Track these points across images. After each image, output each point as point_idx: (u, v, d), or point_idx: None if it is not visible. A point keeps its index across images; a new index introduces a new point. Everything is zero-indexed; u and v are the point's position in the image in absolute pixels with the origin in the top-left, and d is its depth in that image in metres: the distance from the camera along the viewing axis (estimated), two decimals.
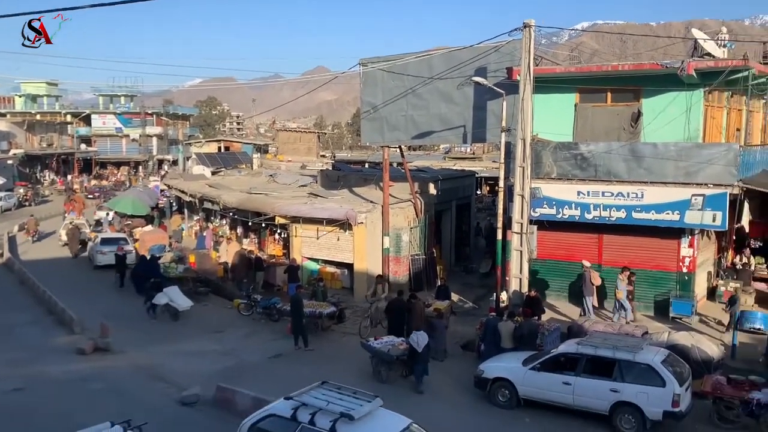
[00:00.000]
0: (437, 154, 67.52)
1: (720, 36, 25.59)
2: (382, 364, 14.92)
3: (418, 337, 14.46)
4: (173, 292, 20.46)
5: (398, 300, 17.17)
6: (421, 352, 14.34)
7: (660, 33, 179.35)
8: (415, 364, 14.50)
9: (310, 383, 14.76)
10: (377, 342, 15.30)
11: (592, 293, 18.37)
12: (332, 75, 26.86)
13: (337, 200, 24.73)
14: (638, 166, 17.76)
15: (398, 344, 15.11)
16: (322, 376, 15.37)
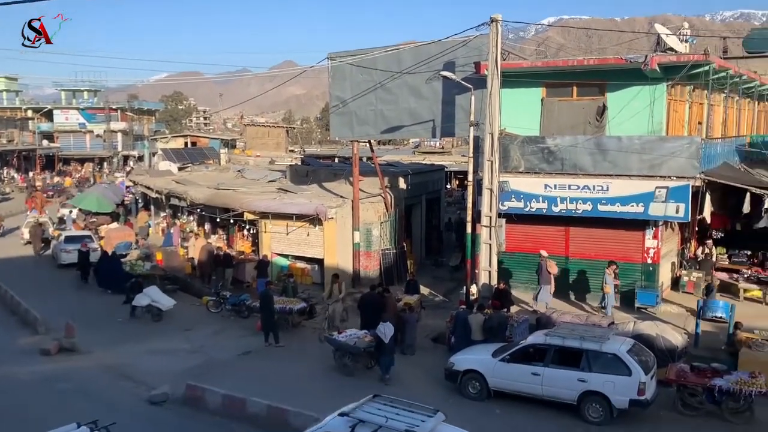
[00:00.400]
0: (407, 148, 67.64)
1: (682, 31, 26.16)
2: (347, 357, 15.04)
3: (385, 328, 14.60)
4: (154, 291, 19.96)
5: (371, 294, 17.20)
6: (388, 343, 14.50)
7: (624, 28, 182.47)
8: (382, 355, 14.66)
9: (281, 379, 14.86)
10: (341, 336, 15.44)
11: (549, 282, 18.67)
12: (300, 69, 26.69)
13: (307, 195, 24.61)
14: (603, 159, 18.05)
15: (363, 336, 15.26)
16: (293, 372, 15.44)
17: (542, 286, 18.51)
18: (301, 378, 15.04)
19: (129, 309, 19.84)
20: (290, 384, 14.55)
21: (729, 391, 12.25)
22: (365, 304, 16.91)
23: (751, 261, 21.50)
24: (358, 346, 14.87)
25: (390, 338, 14.51)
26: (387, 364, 14.58)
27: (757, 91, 27.01)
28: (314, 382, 14.75)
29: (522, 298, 19.56)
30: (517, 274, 20.23)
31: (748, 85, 25.04)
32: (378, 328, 14.79)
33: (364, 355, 14.97)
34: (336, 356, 15.27)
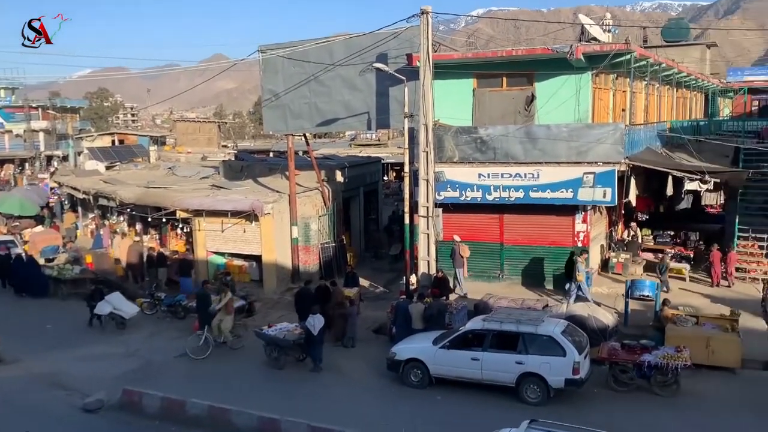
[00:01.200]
0: (343, 141, 67.53)
1: (605, 21, 27.06)
2: (277, 351, 15.15)
3: (314, 320, 14.74)
4: (116, 298, 18.86)
5: (306, 289, 17.14)
6: (317, 334, 14.66)
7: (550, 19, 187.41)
8: (312, 347, 14.83)
9: (221, 378, 14.63)
10: (271, 329, 15.54)
11: (461, 265, 19.12)
12: (231, 62, 26.17)
13: (242, 191, 24.21)
14: (533, 147, 18.53)
15: (293, 329, 15.40)
16: (232, 370, 15.24)
17: (456, 269, 18.96)
18: (240, 375, 14.88)
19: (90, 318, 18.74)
20: (230, 382, 14.38)
21: (657, 365, 12.87)
22: (302, 299, 16.84)
23: (674, 241, 22.60)
24: (287, 339, 15.05)
25: (319, 330, 14.68)
26: (318, 356, 14.82)
27: (676, 78, 28.33)
28: (253, 379, 14.67)
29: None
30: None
31: (667, 73, 26.23)
32: (307, 320, 14.95)
33: (295, 348, 15.16)
34: (267, 350, 15.37)
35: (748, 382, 13.67)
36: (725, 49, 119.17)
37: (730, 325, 14.71)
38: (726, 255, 19.64)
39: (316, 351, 14.85)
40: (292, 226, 22.11)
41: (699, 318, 15.23)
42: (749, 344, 14.52)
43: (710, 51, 43.87)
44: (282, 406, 12.24)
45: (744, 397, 12.98)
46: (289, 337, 15.07)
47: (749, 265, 20.28)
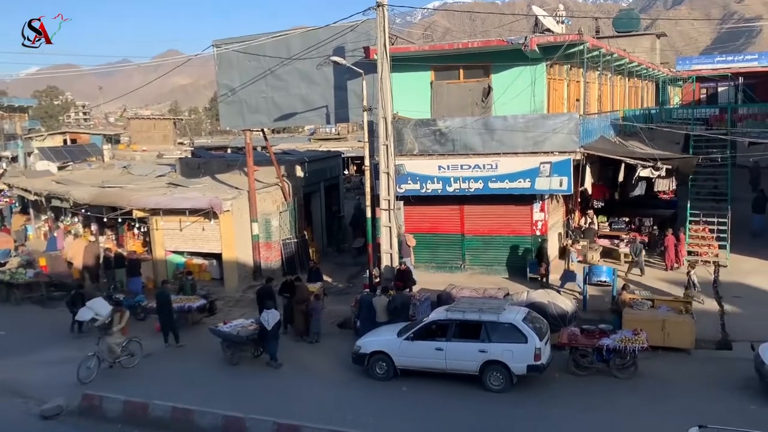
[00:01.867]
0: (302, 136, 67.08)
1: (558, 13, 27.49)
2: (232, 347, 15.16)
3: (268, 315, 14.77)
4: (98, 304, 18.13)
5: (267, 287, 17.02)
6: (271, 329, 14.69)
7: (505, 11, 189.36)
8: (267, 342, 14.88)
9: (183, 379, 14.44)
10: (226, 326, 15.51)
11: (409, 255, 19.35)
12: (185, 58, 25.68)
13: (200, 189, 23.84)
14: (491, 138, 18.74)
15: (248, 325, 15.42)
16: (195, 370, 15.05)
17: (404, 259, 19.17)
18: (203, 374, 14.73)
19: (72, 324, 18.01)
20: (194, 382, 14.20)
21: (616, 349, 13.22)
22: (262, 296, 16.76)
23: (629, 227, 23.17)
24: (241, 335, 15.07)
25: (273, 325, 14.72)
26: (272, 351, 14.90)
27: (627, 68, 28.97)
28: (216, 377, 14.53)
29: (423, 277, 20.01)
30: (418, 254, 20.67)
31: (619, 63, 26.79)
32: (261, 315, 14.99)
33: (250, 344, 15.18)
34: (223, 347, 15.36)
35: (701, 361, 14.14)
36: (674, 38, 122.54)
37: (684, 308, 15.19)
38: (679, 239, 20.24)
39: (270, 346, 14.93)
40: (252, 222, 21.90)
41: (654, 301, 15.68)
42: (702, 325, 15.03)
43: (660, 41, 45.04)
44: (247, 404, 12.17)
45: (698, 376, 13.42)
46: (243, 333, 15.11)
47: (700, 248, 20.93)
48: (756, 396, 12.13)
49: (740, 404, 11.93)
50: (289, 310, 17.10)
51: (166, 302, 16.59)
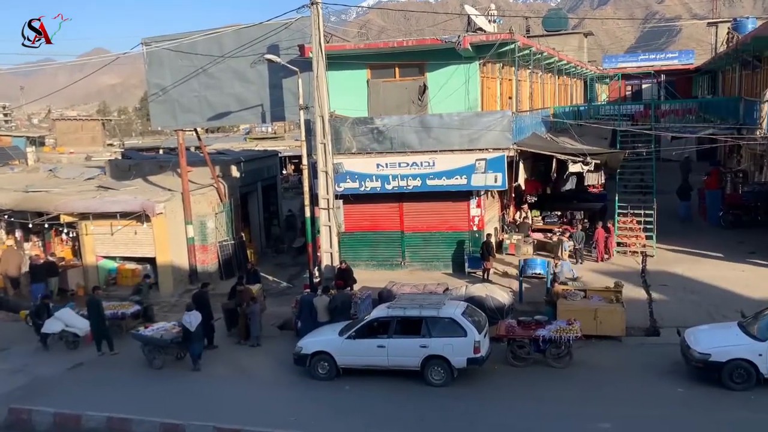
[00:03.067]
0: (237, 135, 65.92)
1: (490, 12, 28.02)
2: (155, 351, 15.00)
3: (191, 317, 14.63)
4: (67, 314, 16.85)
5: (202, 292, 16.64)
6: (194, 331, 14.57)
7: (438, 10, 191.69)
8: (191, 344, 14.74)
9: (118, 387, 13.98)
10: (148, 330, 15.32)
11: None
12: (113, 56, 24.80)
13: (131, 191, 23.09)
14: (428, 136, 18.96)
15: (170, 328, 15.26)
16: (127, 378, 14.60)
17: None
18: (138, 382, 14.30)
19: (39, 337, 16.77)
20: (128, 390, 13.76)
21: (551, 339, 13.61)
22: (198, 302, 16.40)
23: (561, 220, 23.88)
24: (164, 339, 14.91)
25: (196, 327, 14.60)
26: (196, 353, 14.78)
27: (557, 66, 29.88)
28: (151, 384, 14.17)
29: (365, 275, 20.06)
30: (358, 252, 20.69)
31: (549, 61, 27.60)
32: (183, 317, 14.83)
33: (173, 347, 15.02)
34: (144, 351, 15.14)
35: (631, 348, 14.74)
36: (600, 37, 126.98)
37: (614, 297, 15.78)
38: (609, 232, 21.01)
39: (194, 348, 14.79)
40: (187, 225, 21.39)
41: (587, 291, 16.22)
42: (632, 313, 15.66)
43: (587, 40, 46.67)
44: (186, 410, 11.89)
45: (629, 362, 13.98)
46: (167, 336, 14.93)
47: (629, 239, 21.78)
48: (683, 379, 12.74)
49: (669, 387, 12.50)
50: (235, 314, 16.79)
51: (97, 310, 16.00)
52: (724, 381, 12.11)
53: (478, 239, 19.73)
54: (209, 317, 16.09)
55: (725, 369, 12.09)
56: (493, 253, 19.23)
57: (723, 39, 37.73)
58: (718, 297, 16.94)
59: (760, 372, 11.95)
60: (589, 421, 11.32)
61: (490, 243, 19.12)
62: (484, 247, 18.98)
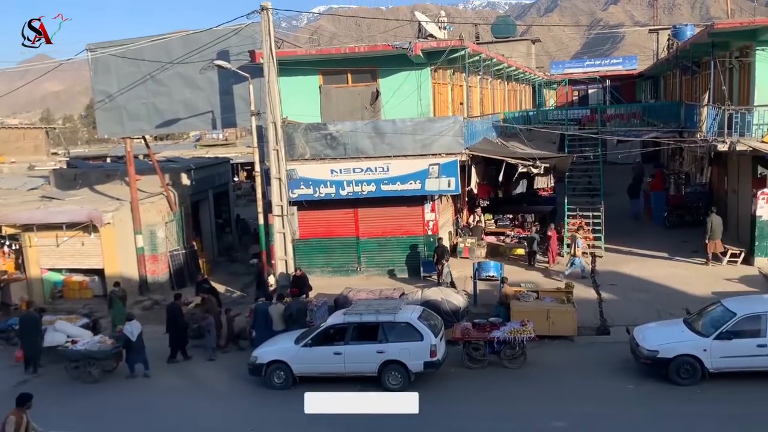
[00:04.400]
0: (187, 142, 64.73)
1: (440, 19, 28.36)
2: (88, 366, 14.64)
3: (132, 327, 14.56)
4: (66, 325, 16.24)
5: (175, 304, 16.24)
6: (135, 341, 14.49)
7: (389, 16, 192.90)
8: (133, 354, 14.64)
9: (60, 403, 13.51)
10: (79, 345, 14.95)
11: None
12: (56, 63, 24.01)
13: (77, 201, 22.40)
14: (382, 141, 19.02)
15: (104, 340, 15.11)
16: (75, 391, 14.13)
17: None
18: (81, 397, 13.90)
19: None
20: (71, 405, 13.36)
21: (506, 340, 13.81)
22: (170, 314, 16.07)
23: (513, 223, 24.28)
24: (103, 351, 14.69)
25: (137, 336, 14.48)
26: (133, 362, 14.68)
27: (506, 72, 30.42)
28: (98, 398, 13.85)
29: (320, 282, 19.95)
30: (313, 259, 20.55)
31: (498, 67, 28.09)
32: (125, 327, 14.70)
33: (112, 359, 14.85)
34: (70, 368, 14.73)
35: (583, 347, 15.08)
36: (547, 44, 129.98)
37: (566, 297, 16.12)
38: (559, 233, 21.46)
39: (138, 357, 14.62)
40: (136, 235, 20.87)
41: (539, 293, 16.53)
42: (583, 313, 16.03)
43: (535, 46, 47.65)
44: (135, 426, 11.58)
45: (581, 360, 14.30)
46: (105, 349, 14.70)
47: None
48: (633, 376, 13.11)
49: (619, 384, 12.85)
50: None
51: (31, 326, 15.41)
52: (672, 376, 12.52)
53: (433, 243, 19.86)
54: (184, 328, 15.83)
55: (672, 365, 12.50)
56: (447, 257, 19.35)
57: (664, 45, 39.11)
58: (664, 295, 17.49)
59: (705, 367, 12.40)
60: (544, 421, 11.52)
61: (444, 247, 19.26)
62: (437, 251, 19.12)
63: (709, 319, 13.02)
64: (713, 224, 19.34)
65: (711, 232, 19.34)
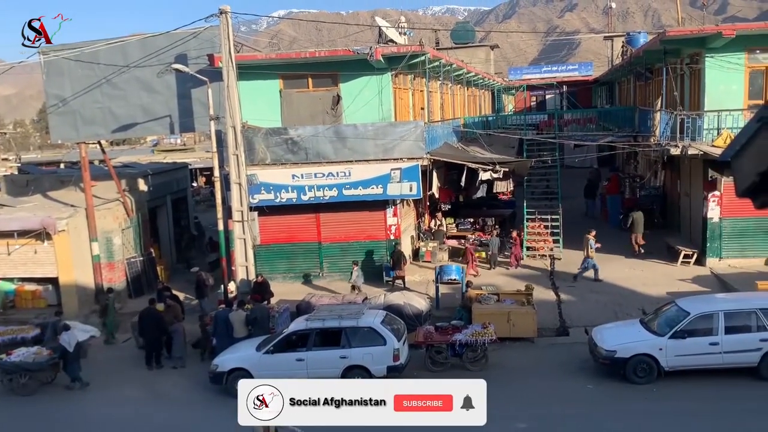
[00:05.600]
0: (144, 147, 63.50)
1: (400, 24, 28.52)
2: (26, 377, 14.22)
3: (68, 336, 14.29)
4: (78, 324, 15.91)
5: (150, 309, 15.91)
6: (72, 351, 14.22)
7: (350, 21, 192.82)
8: (69, 364, 14.34)
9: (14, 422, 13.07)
10: (13, 356, 14.46)
11: None
12: (6, 66, 23.24)
13: (30, 208, 21.69)
14: (343, 146, 19.00)
15: (39, 352, 14.66)
16: (27, 402, 13.69)
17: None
18: (36, 410, 13.42)
19: None
20: (29, 423, 12.90)
21: (467, 343, 13.92)
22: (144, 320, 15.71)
23: (474, 227, 24.54)
24: (38, 362, 14.27)
25: (74, 346, 14.20)
26: (74, 373, 14.38)
27: (465, 77, 30.76)
28: (49, 413, 13.43)
29: (282, 287, 19.79)
30: (275, 265, 20.39)
31: (458, 73, 28.38)
32: (62, 337, 14.36)
33: (48, 369, 14.45)
34: (5, 380, 14.31)
35: (543, 348, 15.32)
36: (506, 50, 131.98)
37: (526, 299, 16.35)
38: (519, 237, 21.76)
39: (73, 369, 14.33)
40: (91, 242, 20.33)
41: (500, 295, 16.72)
42: (542, 315, 16.28)
43: (494, 52, 48.26)
44: None
45: (541, 362, 14.53)
46: (40, 360, 14.27)
47: (537, 243, 22.66)
48: (592, 376, 13.37)
49: (579, 384, 13.09)
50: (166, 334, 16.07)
51: None
52: (629, 376, 12.81)
53: (396, 248, 19.91)
54: (162, 333, 15.52)
55: (629, 364, 12.79)
56: (403, 263, 19.38)
57: (618, 52, 40.11)
58: (621, 296, 17.90)
59: (661, 365, 12.73)
60: (505, 422, 11.62)
61: (400, 252, 19.32)
62: (395, 256, 19.16)
63: (664, 318, 13.38)
64: (635, 219, 21.44)
65: (634, 226, 21.43)
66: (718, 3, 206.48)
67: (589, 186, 28.60)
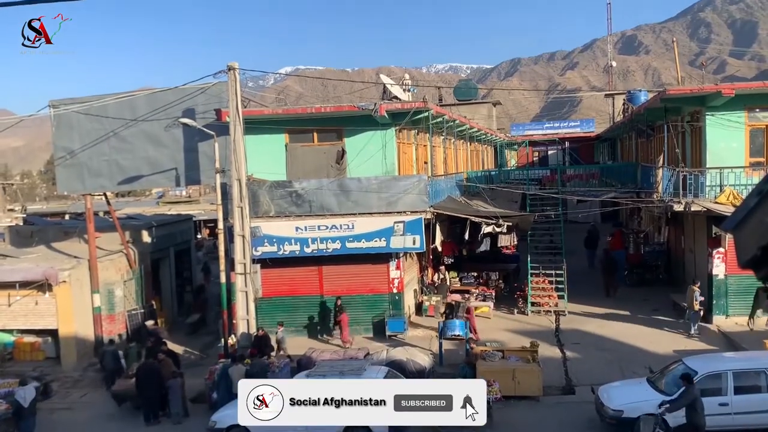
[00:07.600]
0: (149, 199, 63.95)
1: (404, 82, 29.12)
2: None
3: (25, 392, 14.02)
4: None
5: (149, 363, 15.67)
6: (28, 406, 13.89)
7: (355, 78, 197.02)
8: (23, 420, 14.01)
9: None
10: None
11: None
12: (17, 119, 23.73)
13: (33, 259, 21.71)
14: (347, 199, 19.10)
15: None
16: None
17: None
18: None
19: None
20: None
21: None
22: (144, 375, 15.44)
23: (478, 281, 24.37)
24: None
25: (30, 402, 13.90)
26: (27, 429, 14.05)
27: (468, 133, 31.17)
28: None
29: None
30: (277, 318, 20.16)
31: (461, 128, 28.76)
32: (17, 392, 14.13)
33: (2, 424, 14.31)
34: None
35: (549, 407, 14.95)
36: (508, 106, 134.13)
37: (531, 356, 16.06)
38: (523, 291, 21.58)
39: (27, 425, 13.99)
40: (93, 294, 20.24)
41: (504, 352, 16.44)
42: (548, 372, 15.95)
43: (496, 108, 49.10)
44: None
45: (547, 421, 14.16)
46: None
47: (542, 299, 22.45)
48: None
49: None
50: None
51: None
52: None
53: (398, 301, 19.76)
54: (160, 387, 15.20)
55: (637, 424, 12.44)
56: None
57: (619, 109, 40.72)
58: (627, 353, 17.60)
59: (669, 426, 12.38)
60: None
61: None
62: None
63: (672, 377, 13.09)
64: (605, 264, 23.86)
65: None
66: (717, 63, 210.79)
67: (590, 238, 28.71)
